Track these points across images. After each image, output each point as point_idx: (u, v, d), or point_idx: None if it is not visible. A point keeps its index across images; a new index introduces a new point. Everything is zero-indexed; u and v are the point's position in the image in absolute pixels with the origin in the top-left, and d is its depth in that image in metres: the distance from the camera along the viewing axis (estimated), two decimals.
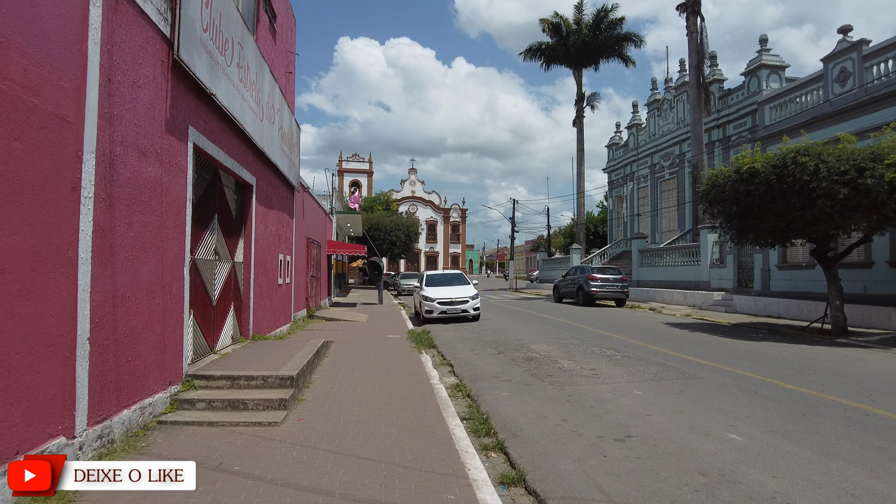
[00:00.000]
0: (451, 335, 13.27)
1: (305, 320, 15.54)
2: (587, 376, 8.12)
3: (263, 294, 10.62)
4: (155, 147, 5.44)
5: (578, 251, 36.95)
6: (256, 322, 10.05)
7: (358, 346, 11.00)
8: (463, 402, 6.90)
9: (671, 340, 12.15)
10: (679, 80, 33.59)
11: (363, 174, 75.35)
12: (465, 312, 16.12)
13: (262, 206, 10.39)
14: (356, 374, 8.20)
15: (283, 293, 12.72)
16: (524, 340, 12.04)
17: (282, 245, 12.43)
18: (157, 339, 5.55)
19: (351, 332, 13.48)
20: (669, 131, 34.68)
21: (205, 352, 7.61)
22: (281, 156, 11.68)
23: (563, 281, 25.62)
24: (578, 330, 14.03)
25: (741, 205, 13.59)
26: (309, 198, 17.17)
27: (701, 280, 23.60)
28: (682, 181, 33.31)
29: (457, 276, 18.46)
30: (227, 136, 8.05)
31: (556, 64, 40.27)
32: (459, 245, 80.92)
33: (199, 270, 7.33)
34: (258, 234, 10.12)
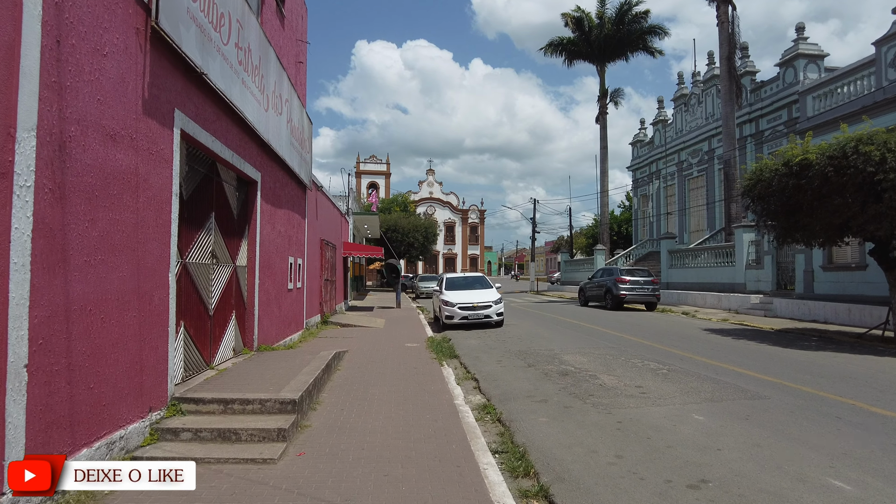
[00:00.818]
0: (474, 344, 12.28)
1: (319, 327, 14.68)
2: (634, 396, 7.08)
3: (271, 300, 9.75)
4: (128, 130, 4.57)
5: (602, 252, 35.69)
6: (262, 331, 9.18)
7: (373, 357, 10.07)
8: (493, 429, 5.91)
9: (716, 350, 11.01)
10: (708, 74, 32.18)
11: (381, 176, 74.73)
12: (487, 318, 15.12)
13: (268, 205, 9.53)
14: (370, 391, 7.26)
15: (294, 299, 11.86)
16: (555, 350, 11.00)
17: (292, 247, 11.58)
18: (133, 358, 4.67)
19: (366, 339, 12.57)
20: (697, 127, 33.26)
21: (199, 368, 6.74)
22: (290, 150, 10.82)
23: (590, 283, 24.45)
24: (612, 338, 12.95)
25: (790, 201, 12.40)
26: (323, 197, 16.34)
27: (736, 282, 22.27)
28: (712, 179, 31.89)
29: (479, 278, 17.45)
30: (225, 124, 7.18)
31: (579, 59, 39.13)
32: (478, 247, 79.88)
33: (191, 276, 6.46)
34: (264, 235, 9.26)
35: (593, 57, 38.16)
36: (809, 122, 18.02)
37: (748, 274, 21.72)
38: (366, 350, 10.90)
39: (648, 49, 37.10)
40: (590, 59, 38.60)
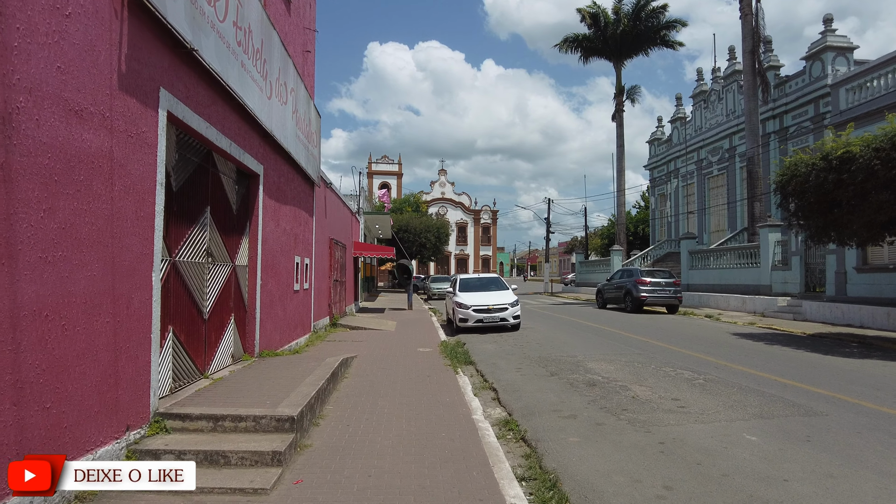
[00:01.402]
0: (490, 349, 11.59)
1: (328, 330, 14.06)
2: (673, 411, 6.35)
3: (274, 302, 9.14)
4: (99, 107, 3.95)
5: (619, 253, 34.81)
6: (265, 336, 8.56)
7: (384, 363, 9.42)
8: (518, 450, 5.22)
9: (752, 357, 10.23)
10: (729, 70, 31.20)
11: (392, 176, 74.19)
12: (503, 321, 14.40)
13: (271, 200, 8.91)
14: (379, 403, 6.60)
15: (301, 300, 11.24)
16: (578, 357, 10.28)
17: (298, 246, 10.96)
18: (105, 371, 4.05)
19: (377, 343, 11.93)
20: (718, 124, 32.28)
21: (192, 377, 6.12)
22: (296, 143, 10.21)
23: (608, 285, 23.63)
24: (636, 343, 12.18)
25: (828, 197, 11.59)
26: (332, 195, 15.73)
27: (761, 284, 21.36)
28: (734, 177, 30.91)
29: (494, 280, 16.73)
30: (221, 110, 6.56)
31: (594, 56, 38.34)
32: (490, 247, 79.06)
33: (181, 276, 5.85)
34: (267, 233, 8.64)
35: (609, 53, 37.35)
36: (843, 115, 17.11)
37: (774, 275, 20.80)
38: (376, 355, 10.25)
39: (667, 43, 36.20)
40: (606, 55, 37.79)
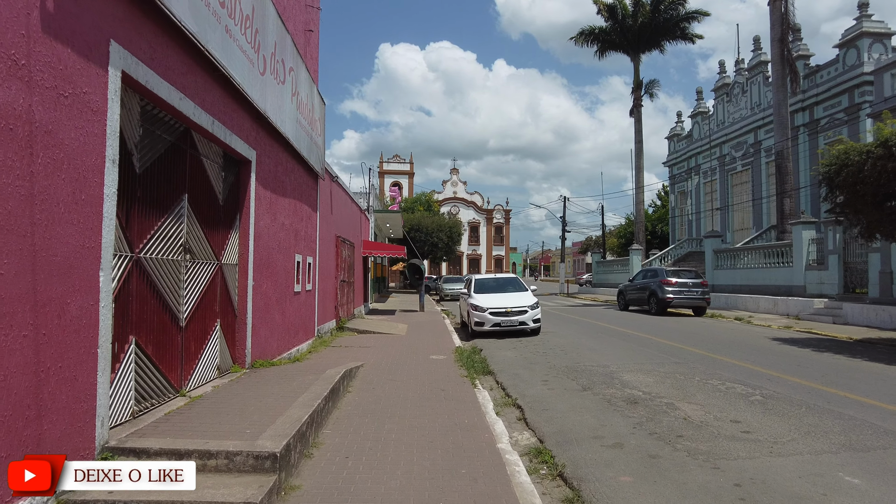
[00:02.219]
0: (510, 356, 10.54)
1: (333, 334, 13.09)
2: (738, 438, 5.27)
3: (270, 306, 8.17)
4: (7, 49, 2.98)
5: (639, 252, 33.57)
6: (259, 344, 7.59)
7: (393, 373, 8.41)
8: (557, 493, 4.18)
9: (804, 366, 9.09)
10: (754, 60, 29.88)
11: (404, 176, 73.27)
12: (522, 325, 13.33)
13: (266, 191, 7.94)
14: (386, 426, 5.59)
15: (302, 303, 10.28)
16: (610, 367, 9.20)
17: (300, 243, 10.00)
18: (18, 399, 3.07)
19: (386, 349, 10.93)
20: (742, 118, 30.95)
21: (164, 395, 5.16)
22: (297, 129, 9.24)
23: (630, 286, 22.46)
24: (670, 349, 11.08)
25: (884, 188, 10.45)
26: (339, 190, 14.77)
27: (794, 284, 20.09)
28: (759, 173, 29.58)
29: (511, 280, 15.65)
30: (201, 81, 5.59)
31: (611, 50, 37.14)
32: (503, 247, 77.84)
33: (149, 275, 4.88)
34: (262, 228, 7.67)
35: (627, 47, 36.13)
36: (887, 103, 15.88)
37: (808, 275, 19.53)
38: (384, 364, 9.24)
39: (686, 36, 34.96)
40: (623, 49, 36.59)
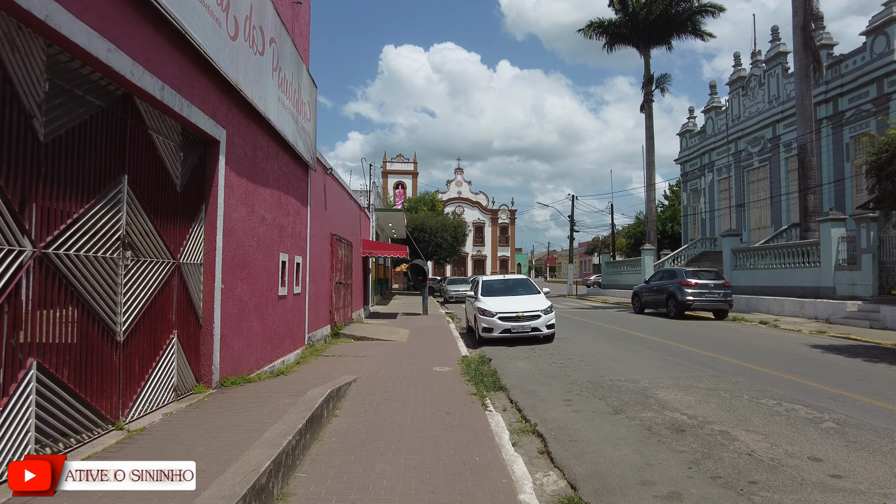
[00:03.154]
0: (523, 368, 9.36)
1: (328, 341, 11.94)
2: (830, 487, 4.06)
3: (246, 313, 7.02)
4: None
5: (650, 252, 32.31)
6: (231, 357, 6.44)
7: (389, 390, 7.25)
8: None
9: (864, 381, 7.87)
10: (772, 52, 28.59)
11: (408, 176, 72.21)
12: (535, 332, 12.13)
13: (241, 179, 6.80)
14: (376, 469, 4.41)
15: (290, 309, 9.14)
16: (640, 381, 8.00)
17: (285, 241, 8.86)
18: None
19: (384, 359, 9.78)
20: (759, 112, 29.66)
21: (92, 429, 4.01)
22: (280, 110, 8.10)
23: (646, 287, 21.22)
24: (702, 359, 9.87)
25: None
26: (335, 184, 13.64)
27: (822, 286, 18.84)
28: (777, 169, 28.29)
29: (521, 282, 14.44)
30: (145, 34, 4.45)
31: (621, 44, 35.97)
32: (508, 248, 76.63)
33: (64, 277, 3.73)
34: (234, 221, 6.53)
35: (637, 40, 34.93)
36: None
37: (838, 276, 18.26)
38: (381, 378, 8.08)
39: (697, 32, 33.77)
40: (633, 42, 35.40)
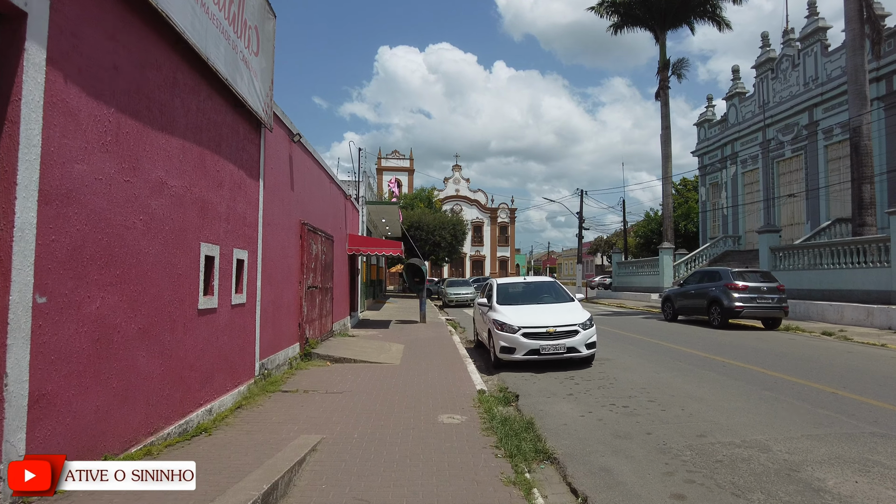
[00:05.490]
0: (571, 414, 6.37)
1: (294, 366, 8.93)
2: None
3: (118, 344, 4.01)
4: None
5: (669, 252, 29.46)
6: (71, 428, 3.44)
7: (368, 473, 4.25)
8: None
9: None
10: (809, 28, 25.68)
11: (404, 173, 69.19)
12: (572, 352, 9.12)
13: (98, 102, 3.80)
14: None
15: (224, 327, 6.13)
16: (770, 446, 5.00)
17: (214, 225, 5.87)
18: None
19: (367, 399, 6.79)
20: (792, 96, 26.78)
21: None
22: (195, 12, 5.09)
23: (680, 291, 18.23)
24: (816, 395, 6.91)
25: None
26: (307, 159, 10.62)
27: (893, 289, 15.91)
28: (815, 158, 25.40)
29: (547, 286, 11.37)
30: None
31: (632, 25, 33.15)
32: (508, 248, 73.65)
33: None
34: (80, 179, 3.54)
35: (651, 21, 32.09)
36: None
37: None
38: (357, 441, 5.07)
39: (716, 18, 30.92)
40: (646, 24, 32.58)
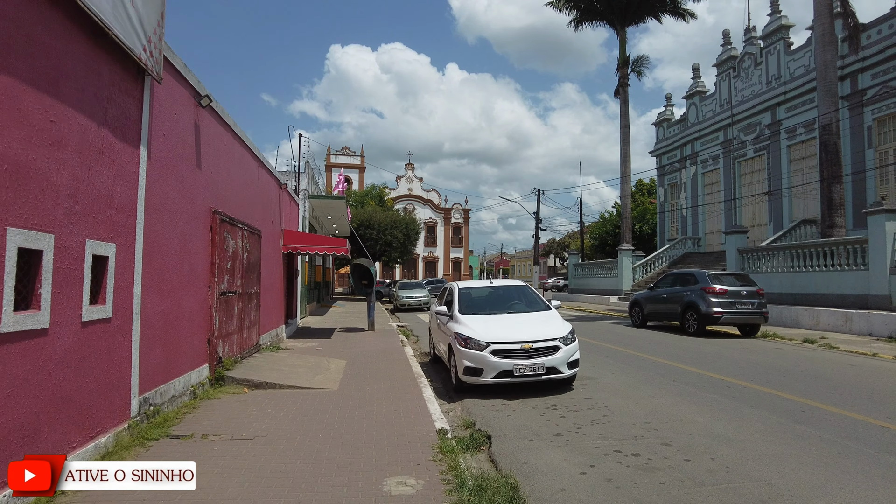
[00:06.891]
0: (563, 466, 4.60)
1: (198, 395, 6.88)
2: None
3: None
4: None
5: (629, 253, 28.50)
6: None
7: None
8: None
9: None
10: (771, 26, 25.15)
11: (354, 170, 66.83)
12: (553, 374, 7.41)
13: None
14: None
15: (66, 354, 4.10)
16: None
17: (52, 203, 3.84)
18: None
19: (286, 447, 4.87)
20: (755, 94, 26.25)
21: None
22: None
23: (651, 296, 16.94)
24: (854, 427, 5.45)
25: None
26: (224, 132, 8.55)
27: (871, 294, 15.08)
28: (777, 159, 24.89)
29: (518, 290, 9.56)
30: None
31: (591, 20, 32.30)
32: (461, 249, 72.30)
33: None
34: None
35: (611, 16, 31.22)
36: None
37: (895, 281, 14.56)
38: None
39: (678, 11, 30.36)
40: (606, 18, 31.71)
